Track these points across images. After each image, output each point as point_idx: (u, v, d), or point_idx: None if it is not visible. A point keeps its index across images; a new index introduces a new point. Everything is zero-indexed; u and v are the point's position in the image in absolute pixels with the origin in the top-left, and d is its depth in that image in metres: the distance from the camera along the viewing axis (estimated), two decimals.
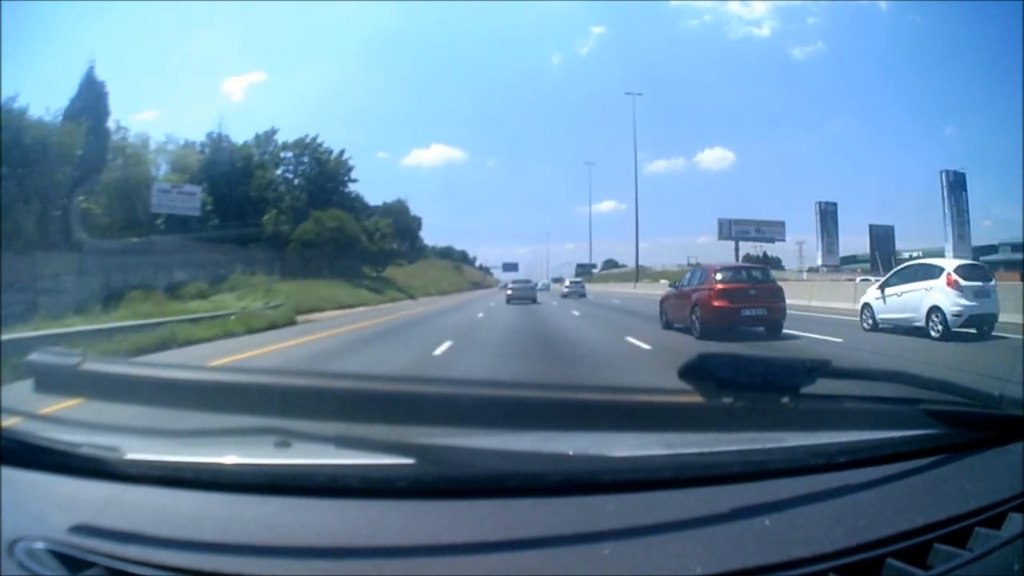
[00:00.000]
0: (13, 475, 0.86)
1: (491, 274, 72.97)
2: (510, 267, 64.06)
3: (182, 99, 69.52)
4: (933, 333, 9.33)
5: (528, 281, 26.76)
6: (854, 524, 0.78)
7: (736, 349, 1.05)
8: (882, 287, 10.89)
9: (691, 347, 8.68)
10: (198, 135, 34.85)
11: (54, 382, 0.87)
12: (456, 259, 72.40)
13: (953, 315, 9.15)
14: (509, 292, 24.38)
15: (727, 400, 0.84)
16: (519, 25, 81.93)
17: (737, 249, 51.31)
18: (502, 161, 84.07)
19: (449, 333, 11.32)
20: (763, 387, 0.85)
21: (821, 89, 69.89)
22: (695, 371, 0.84)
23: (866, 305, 11.15)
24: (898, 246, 46.40)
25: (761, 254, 52.27)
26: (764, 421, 0.91)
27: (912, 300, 9.90)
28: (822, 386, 0.88)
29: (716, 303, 9.76)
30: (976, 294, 9.30)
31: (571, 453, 0.91)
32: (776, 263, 48.57)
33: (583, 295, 27.92)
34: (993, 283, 9.80)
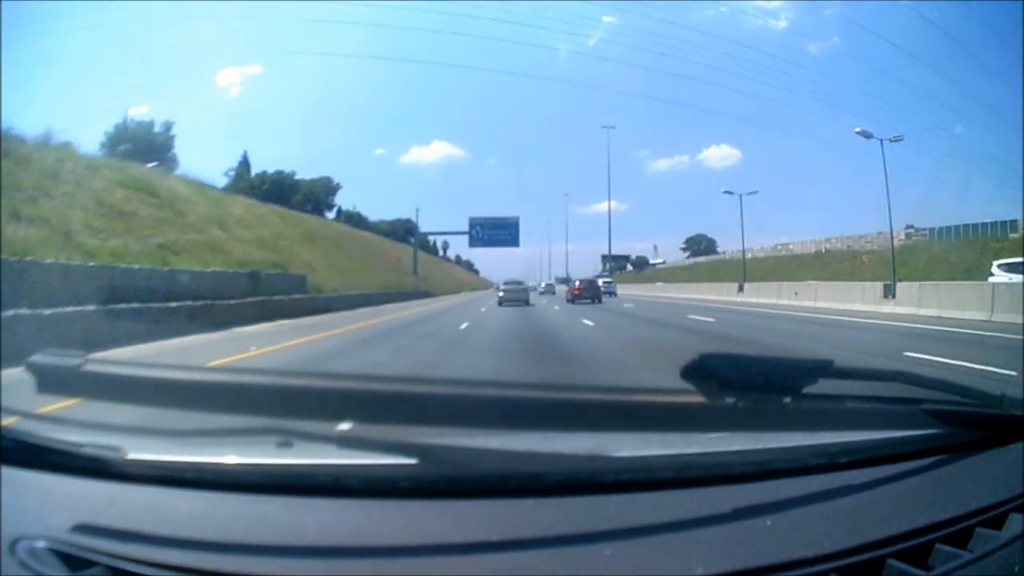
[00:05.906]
0: (14, 474, 0.85)
1: (474, 269, 55.57)
2: (495, 226, 41.28)
3: (176, 92, 69.15)
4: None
5: (520, 283, 29.04)
6: (855, 524, 0.78)
7: (738, 350, 1.05)
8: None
9: (565, 305, 24.67)
10: (194, 128, 32.98)
11: (56, 383, 0.87)
12: (373, 229, 39.11)
13: (603, 291, 30.23)
14: (501, 294, 26.24)
15: (729, 400, 0.84)
16: (524, 16, 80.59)
17: None
18: (503, 159, 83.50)
19: None
20: (765, 387, 0.85)
21: (834, 85, 68.32)
22: (697, 371, 0.84)
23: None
24: None
25: None
26: (766, 421, 0.91)
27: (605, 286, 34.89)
28: (824, 386, 0.88)
29: (575, 291, 27.13)
30: (607, 287, 35.25)
31: (573, 453, 0.91)
32: None
33: (554, 293, 42.69)
34: (612, 281, 42.23)
